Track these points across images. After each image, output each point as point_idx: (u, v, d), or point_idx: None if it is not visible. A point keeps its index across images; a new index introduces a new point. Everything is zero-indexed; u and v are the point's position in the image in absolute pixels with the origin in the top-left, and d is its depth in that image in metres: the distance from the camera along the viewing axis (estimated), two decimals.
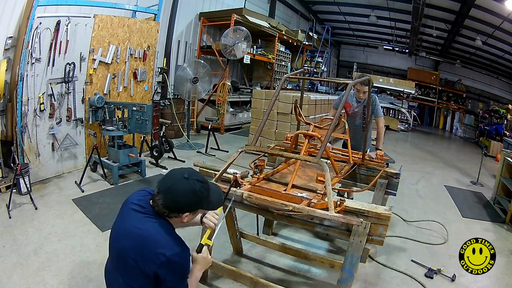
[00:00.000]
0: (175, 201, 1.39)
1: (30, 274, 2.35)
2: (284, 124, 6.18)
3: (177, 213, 1.41)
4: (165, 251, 1.31)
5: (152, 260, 1.30)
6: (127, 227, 1.41)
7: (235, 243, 2.78)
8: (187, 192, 1.39)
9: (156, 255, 1.30)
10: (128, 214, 1.45)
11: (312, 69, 11.56)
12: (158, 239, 1.35)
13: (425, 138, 12.06)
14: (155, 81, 6.58)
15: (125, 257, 1.35)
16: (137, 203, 1.45)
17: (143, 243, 1.33)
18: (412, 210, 4.26)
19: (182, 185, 1.40)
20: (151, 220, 1.40)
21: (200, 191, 1.41)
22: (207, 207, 1.50)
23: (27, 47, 3.69)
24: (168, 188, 1.40)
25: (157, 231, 1.37)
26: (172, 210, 1.40)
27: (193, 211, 1.44)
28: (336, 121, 2.17)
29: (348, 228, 1.95)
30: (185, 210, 1.41)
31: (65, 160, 4.45)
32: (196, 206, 1.44)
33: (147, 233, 1.35)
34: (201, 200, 1.43)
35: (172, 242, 1.37)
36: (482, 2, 8.61)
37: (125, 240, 1.38)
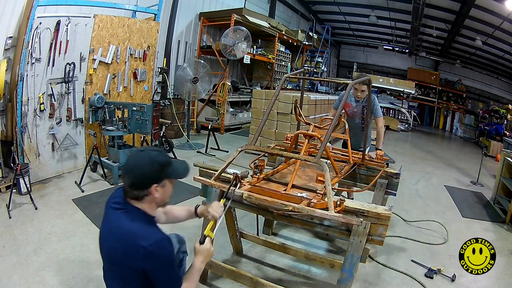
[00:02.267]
0: (137, 175, 1.40)
1: (30, 274, 2.35)
2: (284, 124, 6.18)
3: (145, 189, 1.39)
4: (143, 243, 1.30)
5: (135, 254, 1.31)
6: (109, 228, 1.43)
7: (235, 243, 2.78)
8: (144, 161, 1.41)
9: (137, 248, 1.30)
10: (108, 214, 1.47)
11: (312, 69, 11.56)
12: (135, 231, 1.35)
13: (425, 138, 12.06)
14: (155, 81, 6.58)
15: (114, 257, 1.37)
16: (114, 201, 1.47)
17: (125, 239, 1.34)
18: (412, 210, 4.26)
19: (139, 157, 1.44)
20: (128, 214, 1.40)
21: (158, 157, 1.43)
22: (172, 174, 1.47)
23: (27, 47, 3.69)
24: (128, 167, 1.44)
25: (134, 223, 1.37)
26: (139, 186, 1.39)
27: (159, 180, 1.41)
28: (336, 121, 2.17)
29: (348, 228, 1.95)
30: (150, 181, 1.39)
31: (65, 160, 4.45)
32: (159, 174, 1.42)
33: (126, 228, 1.36)
34: (163, 167, 1.42)
35: (149, 232, 1.37)
36: (482, 2, 8.61)
37: (110, 241, 1.40)
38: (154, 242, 1.32)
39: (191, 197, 3.86)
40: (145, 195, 1.41)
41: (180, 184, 4.36)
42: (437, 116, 16.53)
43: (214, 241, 2.42)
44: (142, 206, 1.43)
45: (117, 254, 1.35)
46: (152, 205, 1.46)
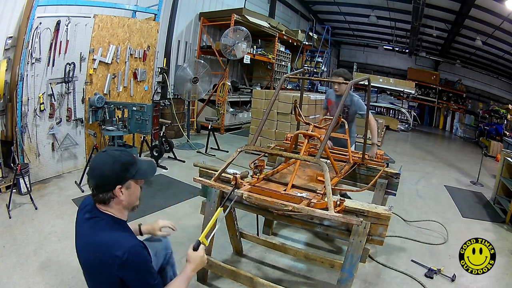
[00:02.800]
0: (99, 175, 1.36)
1: (30, 274, 2.35)
2: (284, 124, 6.18)
3: (109, 191, 1.36)
4: (117, 252, 1.27)
5: (110, 265, 1.28)
6: (83, 240, 1.40)
7: (235, 243, 2.78)
8: (107, 162, 1.37)
9: (111, 258, 1.27)
10: (80, 225, 1.45)
11: (312, 69, 11.56)
12: (108, 240, 1.32)
13: (425, 138, 12.06)
14: (155, 81, 6.58)
15: (91, 269, 1.35)
16: (85, 210, 1.44)
17: (99, 250, 1.31)
18: (412, 210, 4.26)
19: (101, 158, 1.40)
20: (99, 222, 1.37)
21: (120, 157, 1.39)
22: (136, 174, 1.42)
23: (27, 47, 3.69)
24: (90, 169, 1.41)
25: (106, 232, 1.34)
26: (102, 189, 1.36)
27: (122, 181, 1.37)
28: (336, 121, 2.17)
29: (348, 228, 1.95)
30: (113, 182, 1.36)
31: (65, 160, 4.45)
32: (122, 175, 1.38)
33: (98, 239, 1.33)
34: (126, 167, 1.38)
35: (122, 239, 1.33)
36: (482, 2, 8.61)
37: (85, 253, 1.37)
38: (128, 250, 1.28)
39: (191, 197, 3.86)
40: (111, 198, 1.37)
41: (180, 184, 4.36)
42: (437, 116, 16.53)
43: (214, 241, 2.43)
44: (111, 211, 1.40)
45: (94, 266, 1.33)
46: (120, 208, 1.42)
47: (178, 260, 2.66)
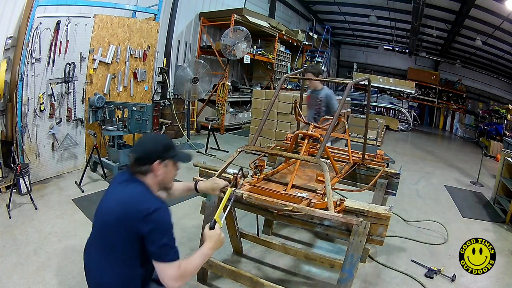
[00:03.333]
0: (142, 150, 1.50)
1: (30, 274, 2.35)
2: (284, 124, 6.18)
3: (148, 164, 1.45)
4: (145, 205, 1.35)
5: (135, 216, 1.33)
6: (111, 195, 1.49)
7: (235, 243, 2.78)
8: (150, 140, 1.57)
9: (138, 210, 1.34)
10: (111, 189, 1.55)
11: None
12: (138, 195, 1.40)
13: (425, 138, 12.06)
14: (155, 81, 6.58)
15: (109, 220, 1.39)
16: (119, 178, 1.55)
17: (126, 202, 1.38)
18: (412, 210, 4.26)
19: (148, 137, 1.66)
20: (132, 183, 1.46)
21: (164, 139, 1.57)
22: (175, 156, 1.53)
23: (27, 47, 3.69)
24: (135, 145, 1.63)
25: (138, 189, 1.43)
26: (142, 161, 1.46)
27: (162, 158, 1.47)
28: (336, 121, 2.18)
29: (348, 228, 1.95)
30: (154, 157, 1.45)
31: (65, 160, 4.45)
32: (163, 153, 1.48)
33: (128, 193, 1.42)
34: (167, 148, 1.51)
35: (152, 199, 1.42)
36: (482, 2, 8.61)
37: (109, 203, 1.45)
38: (156, 207, 1.35)
39: (191, 197, 3.86)
40: (149, 171, 1.46)
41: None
42: (437, 116, 16.53)
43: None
44: (146, 181, 1.48)
45: (114, 215, 1.37)
46: (154, 183, 1.49)
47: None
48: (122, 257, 1.39)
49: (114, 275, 1.40)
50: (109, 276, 1.41)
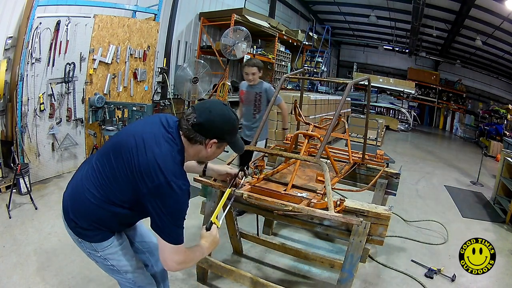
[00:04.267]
0: (208, 120, 1.31)
1: (30, 274, 2.35)
2: None
3: (206, 136, 1.31)
4: (165, 172, 1.21)
5: (148, 178, 1.22)
6: (142, 132, 1.32)
7: (235, 243, 2.78)
8: (225, 115, 1.35)
9: (155, 175, 1.21)
10: (152, 120, 1.39)
11: (312, 69, 11.56)
12: (166, 160, 1.24)
13: (425, 138, 12.06)
14: (155, 81, 6.57)
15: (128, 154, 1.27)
16: (166, 118, 1.38)
17: (151, 157, 1.24)
18: (412, 210, 4.26)
19: (221, 108, 1.36)
20: (170, 142, 1.29)
21: (234, 122, 1.38)
22: (233, 143, 1.42)
23: (27, 47, 3.69)
24: (206, 107, 1.34)
25: (170, 154, 1.26)
26: (202, 130, 1.30)
27: (221, 139, 1.35)
28: (336, 121, 2.18)
29: (348, 228, 1.95)
30: (216, 134, 1.32)
31: (65, 160, 4.45)
32: (226, 136, 1.36)
33: (161, 149, 1.26)
34: (232, 132, 1.38)
35: (177, 170, 1.26)
36: (482, 2, 8.61)
37: (133, 141, 1.29)
38: (175, 180, 1.22)
39: (191, 197, 3.85)
40: (199, 142, 1.32)
41: None
42: (437, 116, 16.54)
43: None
44: (187, 146, 1.34)
45: (136, 158, 1.25)
46: (195, 155, 1.38)
47: None
48: (116, 190, 1.30)
49: (97, 197, 1.31)
50: (92, 194, 1.32)
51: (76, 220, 1.37)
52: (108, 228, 1.40)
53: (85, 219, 1.36)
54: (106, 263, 1.45)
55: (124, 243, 1.50)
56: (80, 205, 1.37)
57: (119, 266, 1.46)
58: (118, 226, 1.44)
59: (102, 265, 1.48)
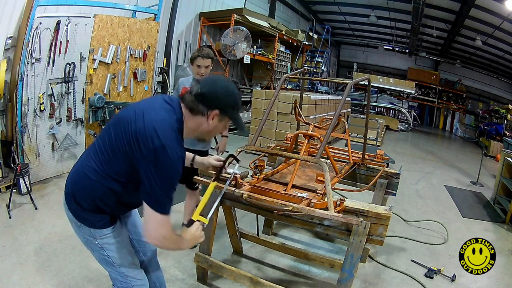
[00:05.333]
0: (212, 90, 1.31)
1: (30, 274, 2.35)
2: (284, 124, 6.18)
3: (208, 106, 1.30)
4: (160, 137, 1.20)
5: (142, 141, 1.21)
6: (140, 104, 1.36)
7: (235, 243, 2.78)
8: (228, 88, 1.35)
9: (150, 138, 1.20)
10: (155, 98, 1.41)
11: (312, 69, 11.57)
12: (162, 126, 1.23)
13: (425, 138, 12.06)
14: (155, 81, 6.57)
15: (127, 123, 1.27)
16: (169, 97, 1.40)
17: (148, 121, 1.24)
18: (412, 210, 4.26)
19: (226, 82, 1.41)
20: (170, 112, 1.29)
21: (237, 96, 1.38)
22: (235, 118, 1.39)
23: (27, 47, 3.68)
24: (210, 80, 1.37)
25: (169, 122, 1.26)
26: (205, 100, 1.30)
27: (224, 111, 1.33)
28: (336, 121, 2.18)
29: (348, 228, 1.95)
30: (218, 105, 1.31)
31: (65, 160, 4.44)
32: (228, 109, 1.34)
33: (157, 114, 1.26)
34: (235, 106, 1.36)
35: (173, 137, 1.25)
36: (482, 2, 8.61)
37: (131, 112, 1.30)
38: (170, 147, 1.20)
39: None
40: (201, 113, 1.31)
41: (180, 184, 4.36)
42: (437, 116, 16.56)
43: (214, 241, 2.42)
44: (187, 119, 1.33)
45: (133, 125, 1.25)
46: (196, 129, 1.36)
47: (178, 260, 2.68)
48: (113, 162, 1.30)
49: (97, 171, 1.31)
50: (92, 170, 1.32)
51: (76, 199, 1.36)
52: (107, 209, 1.38)
53: (84, 197, 1.35)
54: (102, 253, 1.44)
55: (124, 237, 1.50)
56: (80, 183, 1.36)
57: (115, 258, 1.45)
58: (116, 206, 1.40)
59: (98, 254, 1.46)
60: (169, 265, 2.56)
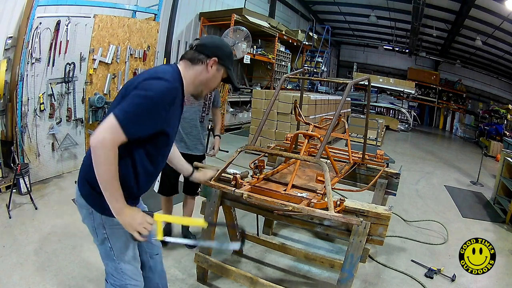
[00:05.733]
0: (212, 41, 1.45)
1: (30, 274, 2.35)
2: (284, 124, 6.18)
3: (207, 56, 1.38)
4: (160, 72, 1.29)
5: (143, 76, 1.28)
6: None
7: None
8: (224, 43, 1.50)
9: (149, 72, 1.29)
10: None
11: (312, 69, 11.57)
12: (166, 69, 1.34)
13: (425, 138, 12.06)
14: None
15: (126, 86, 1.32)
16: None
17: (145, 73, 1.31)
18: (412, 210, 4.26)
19: (220, 39, 1.56)
20: (167, 65, 1.40)
21: (231, 51, 1.50)
22: (231, 69, 1.47)
23: (27, 47, 3.68)
24: (208, 36, 1.57)
25: (166, 68, 1.35)
26: (205, 49, 1.39)
27: (222, 60, 1.41)
28: (336, 121, 2.18)
29: (348, 228, 1.95)
30: (217, 53, 1.40)
31: (65, 160, 4.45)
32: (225, 58, 1.43)
33: (154, 69, 1.37)
34: (230, 56, 1.46)
35: (177, 78, 1.33)
36: (482, 2, 8.61)
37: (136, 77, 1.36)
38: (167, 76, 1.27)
39: None
40: (200, 61, 1.39)
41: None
42: (437, 116, 16.56)
43: (214, 240, 2.42)
44: (187, 73, 1.39)
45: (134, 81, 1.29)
46: (195, 79, 1.41)
47: (178, 260, 2.68)
48: None
49: None
50: None
51: (89, 182, 1.34)
52: None
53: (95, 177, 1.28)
54: (106, 244, 1.42)
55: None
56: (91, 162, 1.29)
57: (117, 251, 1.43)
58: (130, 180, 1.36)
59: (102, 246, 1.45)
60: (169, 265, 2.56)
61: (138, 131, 1.24)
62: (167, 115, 1.28)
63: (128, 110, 1.21)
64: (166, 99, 1.25)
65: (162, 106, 1.25)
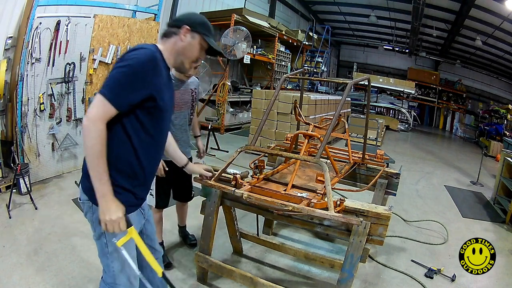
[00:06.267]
0: (182, 14, 1.50)
1: (30, 274, 2.35)
2: (284, 124, 6.18)
3: (177, 27, 1.41)
4: (142, 45, 1.32)
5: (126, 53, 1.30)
6: None
7: (235, 243, 2.78)
8: (195, 13, 1.54)
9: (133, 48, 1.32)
10: None
11: (312, 69, 11.57)
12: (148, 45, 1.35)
13: (425, 138, 12.06)
14: None
15: None
16: None
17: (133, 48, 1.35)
18: (412, 210, 4.26)
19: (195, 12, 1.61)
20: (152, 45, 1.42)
21: (205, 19, 1.49)
22: (207, 36, 1.46)
23: (27, 47, 3.69)
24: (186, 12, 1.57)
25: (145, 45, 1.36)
26: (176, 22, 1.44)
27: (193, 27, 1.42)
28: (336, 121, 2.18)
29: (348, 228, 1.95)
30: (187, 21, 1.42)
31: (65, 160, 4.45)
32: (196, 26, 1.43)
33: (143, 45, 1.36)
34: (203, 25, 1.45)
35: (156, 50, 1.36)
36: (482, 2, 8.62)
37: None
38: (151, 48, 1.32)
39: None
40: (173, 33, 1.42)
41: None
42: (437, 116, 16.56)
43: (214, 241, 2.42)
44: (163, 46, 1.43)
45: None
46: (173, 49, 1.43)
47: (178, 260, 2.68)
48: None
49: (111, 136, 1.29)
50: None
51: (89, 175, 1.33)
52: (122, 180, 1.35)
53: None
54: (102, 240, 1.41)
55: None
56: None
57: (111, 248, 1.41)
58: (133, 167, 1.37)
59: (98, 241, 1.43)
60: None
61: (125, 99, 1.26)
62: (152, 81, 1.30)
63: (111, 83, 1.25)
64: (146, 64, 1.28)
65: (143, 71, 1.27)
